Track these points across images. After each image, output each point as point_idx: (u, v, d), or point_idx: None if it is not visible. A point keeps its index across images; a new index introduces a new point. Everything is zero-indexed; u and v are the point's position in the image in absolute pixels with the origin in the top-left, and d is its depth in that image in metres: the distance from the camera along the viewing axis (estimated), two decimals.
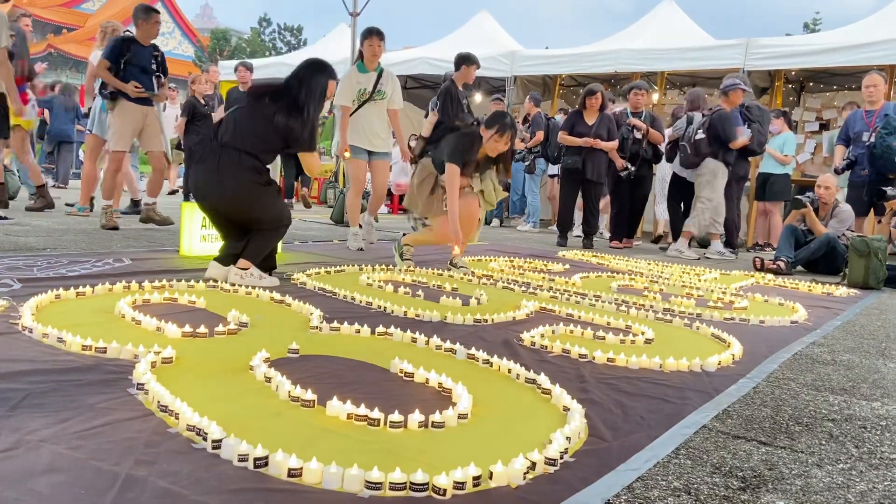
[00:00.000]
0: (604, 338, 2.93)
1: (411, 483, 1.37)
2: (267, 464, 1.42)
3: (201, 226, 4.61)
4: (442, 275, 4.52)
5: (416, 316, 3.12)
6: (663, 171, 9.13)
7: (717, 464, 1.67)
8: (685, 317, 3.62)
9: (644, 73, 10.93)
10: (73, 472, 1.34)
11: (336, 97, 5.52)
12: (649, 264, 6.19)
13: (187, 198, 6.62)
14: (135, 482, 1.32)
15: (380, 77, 5.65)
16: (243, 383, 2.01)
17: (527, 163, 9.79)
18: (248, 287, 3.44)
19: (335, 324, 2.74)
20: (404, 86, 9.72)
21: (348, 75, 5.66)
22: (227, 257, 3.64)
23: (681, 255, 7.40)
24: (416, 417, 1.73)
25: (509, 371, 2.29)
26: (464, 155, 4.38)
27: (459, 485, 1.39)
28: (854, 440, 1.93)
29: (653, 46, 10.29)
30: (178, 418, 1.62)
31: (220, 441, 1.49)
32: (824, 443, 1.89)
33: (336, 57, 13.26)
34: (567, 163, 7.70)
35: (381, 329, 2.70)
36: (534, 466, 1.51)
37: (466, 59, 7.56)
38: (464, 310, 3.32)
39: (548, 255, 6.50)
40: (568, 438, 1.66)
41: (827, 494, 1.54)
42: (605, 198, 8.59)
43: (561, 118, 10.14)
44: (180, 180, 10.99)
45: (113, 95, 5.99)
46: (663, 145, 8.14)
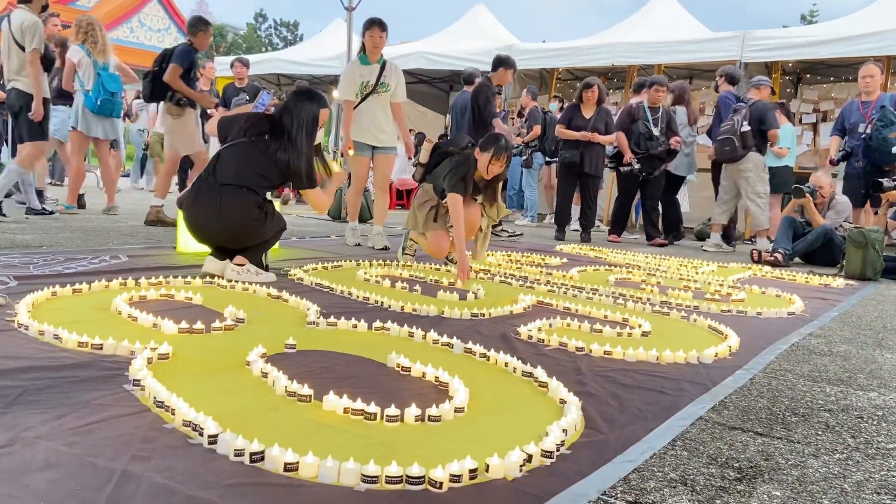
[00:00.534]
0: (601, 331, 2.93)
1: (408, 476, 1.37)
2: (263, 458, 1.42)
3: None
4: (439, 269, 4.52)
5: (414, 310, 3.12)
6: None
7: (714, 455, 1.67)
8: (682, 309, 3.62)
9: (641, 66, 10.92)
10: (69, 469, 1.34)
11: (338, 91, 5.46)
12: (646, 257, 6.19)
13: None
14: (131, 478, 1.32)
15: (383, 69, 5.50)
16: (240, 379, 2.00)
17: (524, 157, 9.78)
18: (244, 283, 3.43)
19: (332, 319, 2.73)
20: None
21: (350, 68, 5.52)
22: (223, 253, 3.64)
23: (721, 248, 7.50)
24: (413, 411, 1.73)
25: (506, 364, 2.29)
26: (462, 183, 4.33)
27: (456, 478, 1.39)
28: (850, 430, 1.93)
29: (650, 39, 10.28)
30: (174, 414, 1.62)
31: (217, 436, 1.48)
32: (821, 433, 1.89)
33: (332, 52, 13.25)
34: (565, 157, 7.69)
35: (378, 324, 2.70)
36: (530, 459, 1.51)
37: (503, 62, 7.53)
38: (461, 304, 3.32)
39: (545, 249, 6.50)
40: (564, 431, 1.66)
41: (823, 484, 1.54)
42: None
43: (557, 107, 10.15)
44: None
45: (180, 102, 6.13)
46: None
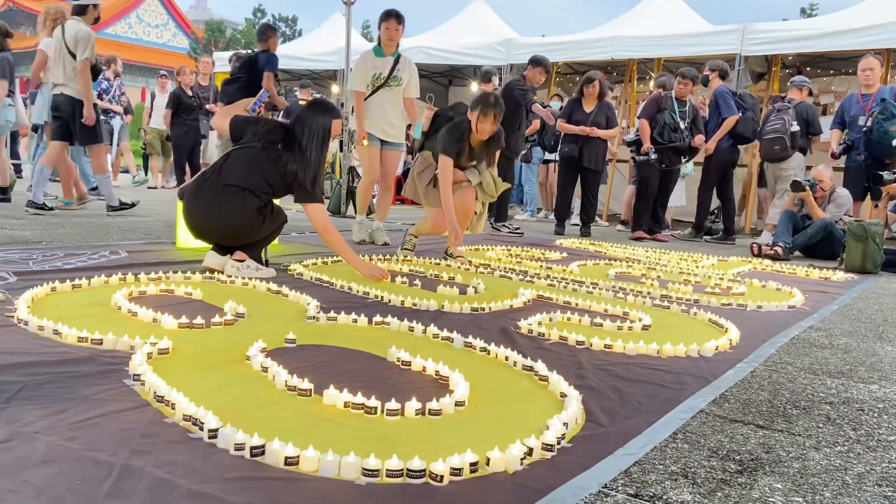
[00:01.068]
0: (601, 325, 2.93)
1: (408, 470, 1.37)
2: (264, 452, 1.42)
3: None
4: (439, 264, 4.51)
5: (414, 305, 3.12)
6: None
7: (715, 447, 1.67)
8: (683, 303, 3.62)
9: (641, 60, 10.90)
10: (69, 463, 1.34)
11: (350, 82, 5.35)
12: (646, 251, 6.19)
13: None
14: (131, 472, 1.32)
15: (396, 62, 5.38)
16: (240, 373, 2.00)
17: (523, 152, 9.77)
18: (244, 278, 3.43)
19: (332, 313, 2.73)
20: None
21: (363, 59, 5.41)
22: (224, 248, 3.63)
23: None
24: (414, 405, 1.72)
25: (506, 358, 2.28)
26: (456, 145, 4.35)
27: (456, 471, 1.38)
28: (851, 423, 1.93)
29: (649, 33, 10.25)
30: (174, 408, 1.62)
31: (217, 430, 1.48)
32: (822, 426, 1.89)
33: (331, 47, 13.22)
34: (564, 151, 7.69)
35: (378, 318, 2.69)
36: (531, 452, 1.51)
37: (534, 61, 7.46)
38: (461, 298, 3.31)
39: (545, 243, 6.49)
40: (565, 424, 1.66)
41: (825, 477, 1.54)
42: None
43: (558, 105, 10.12)
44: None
45: (270, 108, 6.47)
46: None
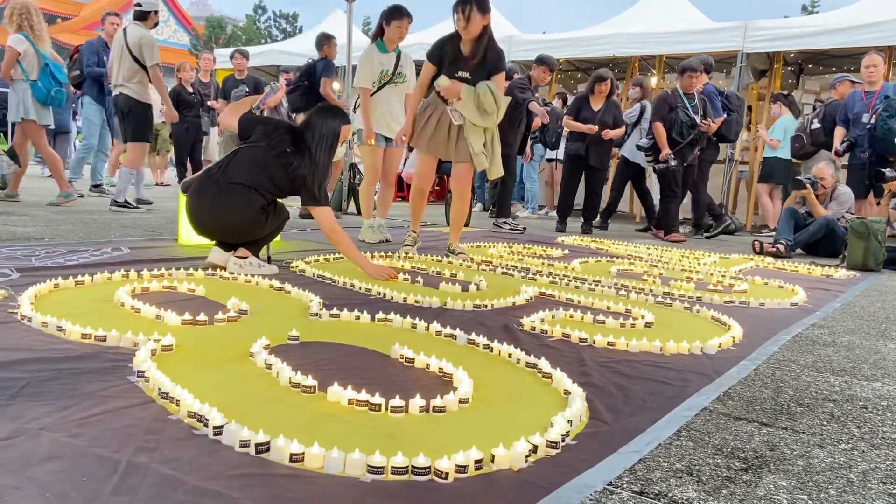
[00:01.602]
0: (604, 322, 2.93)
1: (413, 467, 1.37)
2: (269, 449, 1.42)
3: None
4: (441, 261, 4.51)
5: (416, 302, 3.11)
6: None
7: (719, 445, 1.67)
8: (685, 300, 3.61)
9: (642, 57, 10.89)
10: (74, 460, 1.34)
11: (357, 78, 5.25)
12: (648, 249, 6.18)
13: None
14: (136, 469, 1.32)
15: (399, 58, 5.30)
16: (244, 370, 2.00)
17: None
18: (247, 275, 3.43)
19: (335, 310, 2.73)
20: None
21: (369, 56, 5.24)
22: (228, 244, 3.63)
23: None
24: (418, 402, 1.72)
25: (510, 356, 2.28)
26: (439, 48, 4.28)
27: (461, 468, 1.38)
28: (855, 420, 1.93)
29: (651, 30, 10.23)
30: (178, 405, 1.62)
31: (222, 427, 1.48)
32: (826, 423, 1.89)
33: None
34: (571, 148, 7.65)
35: (380, 315, 2.69)
36: (535, 449, 1.51)
37: (539, 60, 7.40)
38: (463, 295, 3.31)
39: (546, 240, 6.49)
40: (569, 421, 1.66)
41: (829, 474, 1.54)
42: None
43: (557, 104, 10.11)
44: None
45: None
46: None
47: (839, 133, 7.34)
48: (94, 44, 8.24)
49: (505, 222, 7.50)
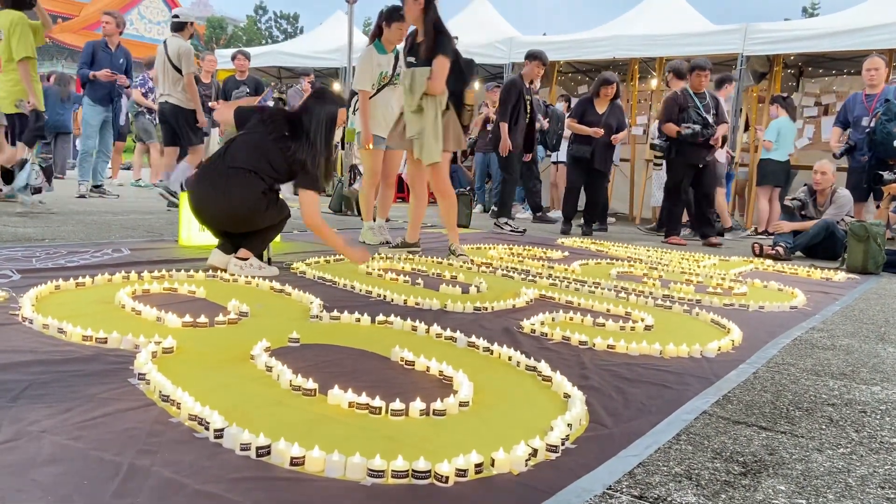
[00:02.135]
0: (604, 325, 2.93)
1: (413, 471, 1.37)
2: (269, 452, 1.42)
3: None
4: (441, 263, 4.51)
5: (416, 304, 3.12)
6: None
7: (718, 449, 1.67)
8: (685, 303, 3.62)
9: (643, 59, 10.90)
10: (75, 463, 1.35)
11: (356, 81, 5.21)
12: (648, 251, 6.19)
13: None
14: (137, 472, 1.32)
15: (397, 59, 5.24)
16: (244, 373, 2.01)
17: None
18: (247, 276, 3.43)
19: (335, 313, 2.73)
20: None
21: (368, 57, 5.20)
22: (229, 245, 3.64)
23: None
24: (418, 405, 1.73)
25: (510, 358, 2.29)
26: (408, 40, 4.48)
27: (461, 472, 1.39)
28: (854, 424, 1.93)
29: (651, 32, 10.24)
30: (179, 408, 1.62)
31: (223, 430, 1.49)
32: (825, 427, 1.89)
33: (333, 45, 13.20)
34: (576, 151, 7.60)
35: (381, 317, 2.70)
36: (535, 453, 1.51)
37: (528, 55, 7.28)
38: (463, 298, 3.32)
39: (547, 242, 6.50)
40: (569, 425, 1.67)
41: (828, 479, 1.55)
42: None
43: (562, 106, 10.11)
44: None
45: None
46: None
47: (835, 133, 7.33)
48: (91, 44, 8.20)
49: (506, 223, 7.51)
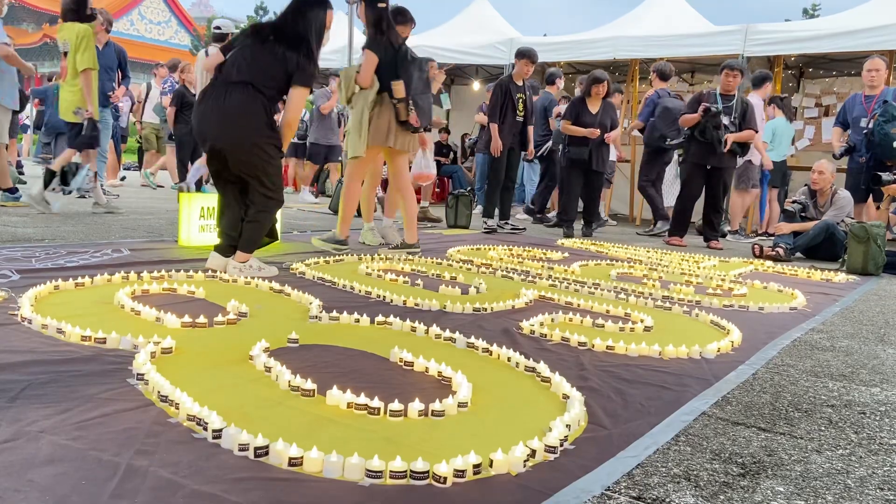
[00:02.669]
0: (603, 325, 2.93)
1: (412, 471, 1.37)
2: (268, 453, 1.42)
3: (200, 216, 4.60)
4: (441, 264, 4.52)
5: (416, 305, 3.12)
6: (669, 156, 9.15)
7: (717, 450, 1.67)
8: (684, 304, 3.62)
9: (643, 60, 10.89)
10: (74, 463, 1.35)
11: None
12: (648, 252, 6.19)
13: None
14: (135, 472, 1.32)
15: None
16: (243, 373, 2.01)
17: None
18: (247, 277, 3.43)
19: (334, 313, 2.73)
20: None
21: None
22: (227, 248, 3.63)
23: None
24: (417, 406, 1.73)
25: (509, 359, 2.29)
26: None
27: (460, 473, 1.39)
28: (853, 426, 1.93)
29: (652, 33, 10.23)
30: (178, 408, 1.62)
31: (221, 431, 1.49)
32: (824, 429, 1.89)
33: (333, 45, 13.19)
34: (574, 153, 7.53)
35: (380, 318, 2.70)
36: (534, 454, 1.51)
37: (518, 53, 7.24)
38: (463, 298, 3.32)
39: (546, 243, 6.49)
40: (568, 426, 1.66)
41: (826, 480, 1.54)
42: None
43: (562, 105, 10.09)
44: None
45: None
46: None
47: (836, 133, 7.31)
48: None
49: (506, 223, 7.50)
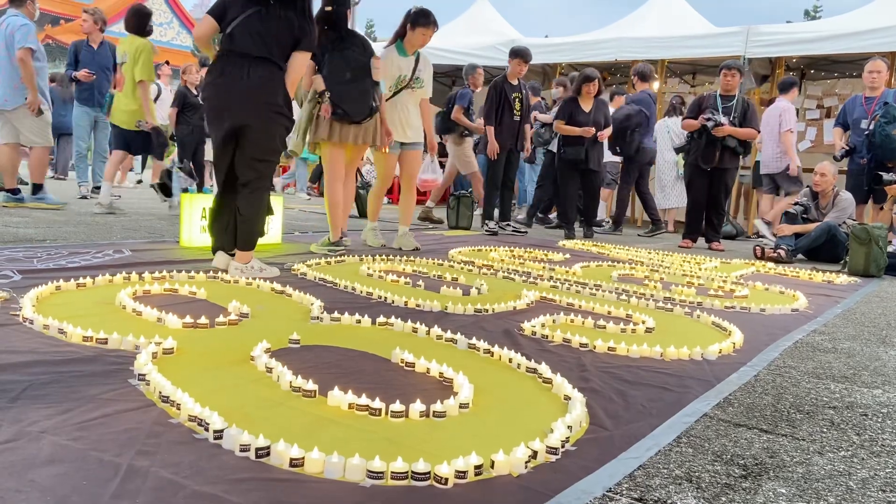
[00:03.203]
0: (604, 327, 2.93)
1: (413, 472, 1.37)
2: (269, 454, 1.42)
3: (201, 217, 4.60)
4: (442, 265, 4.52)
5: (417, 306, 3.12)
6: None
7: (719, 452, 1.67)
8: (686, 305, 3.61)
9: (644, 62, 10.88)
10: (75, 463, 1.34)
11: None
12: (649, 253, 6.18)
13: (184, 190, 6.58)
14: (136, 473, 1.32)
15: (417, 62, 5.12)
16: (244, 374, 2.01)
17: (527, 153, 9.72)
18: (248, 278, 3.43)
19: (336, 314, 2.73)
20: None
21: (388, 59, 5.03)
22: (230, 244, 3.65)
23: None
24: (418, 407, 1.73)
25: (510, 360, 2.29)
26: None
27: (461, 474, 1.39)
28: (855, 428, 1.93)
29: (653, 34, 10.23)
30: (179, 409, 1.62)
31: (222, 431, 1.49)
32: (826, 430, 1.89)
33: None
34: (569, 154, 7.48)
35: (381, 319, 2.70)
36: (535, 455, 1.51)
37: (511, 53, 7.14)
38: (464, 300, 3.32)
39: (547, 244, 6.49)
40: (569, 427, 1.66)
41: (828, 482, 1.54)
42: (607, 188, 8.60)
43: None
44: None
45: (463, 133, 8.30)
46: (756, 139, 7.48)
47: (837, 134, 7.30)
48: (74, 44, 8.03)
49: (508, 224, 7.49)
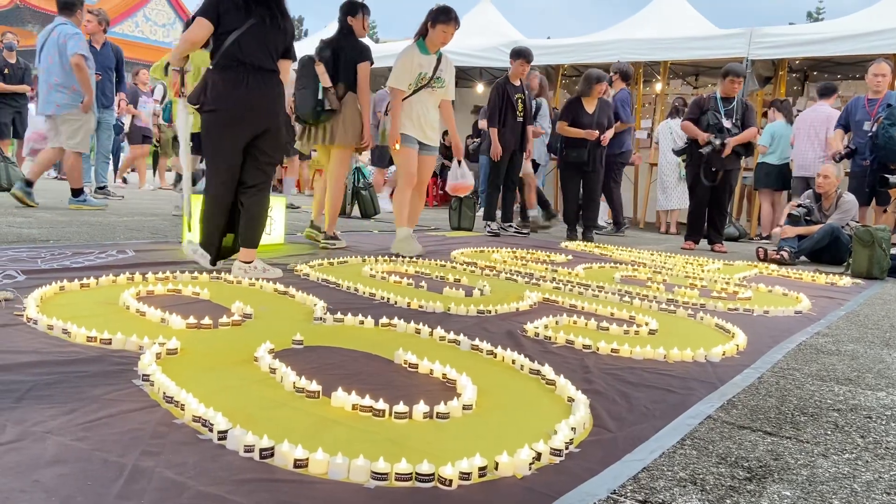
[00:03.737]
0: (608, 328, 2.93)
1: (417, 474, 1.37)
2: (273, 454, 1.42)
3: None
4: (445, 266, 4.52)
5: (420, 307, 3.12)
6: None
7: (723, 454, 1.67)
8: (689, 307, 3.61)
9: (647, 63, 10.89)
10: (79, 464, 1.35)
11: (391, 78, 4.93)
12: (652, 255, 6.18)
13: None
14: (141, 473, 1.32)
15: (439, 62, 4.96)
16: (248, 374, 2.01)
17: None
18: (251, 278, 3.44)
19: (339, 315, 2.73)
20: None
21: (409, 55, 4.89)
22: (232, 250, 3.67)
23: None
24: (421, 408, 1.73)
25: (513, 362, 2.29)
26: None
27: (465, 475, 1.39)
28: (860, 430, 1.93)
29: (656, 36, 10.23)
30: (183, 409, 1.62)
31: (226, 432, 1.49)
32: (830, 433, 1.88)
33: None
34: (572, 156, 7.38)
35: (384, 320, 2.70)
36: (539, 457, 1.51)
37: (512, 53, 7.09)
38: (467, 301, 3.32)
39: (550, 245, 6.49)
40: (573, 429, 1.66)
41: (833, 484, 1.54)
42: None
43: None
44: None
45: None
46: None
47: (838, 135, 7.29)
48: None
49: (510, 225, 7.49)
